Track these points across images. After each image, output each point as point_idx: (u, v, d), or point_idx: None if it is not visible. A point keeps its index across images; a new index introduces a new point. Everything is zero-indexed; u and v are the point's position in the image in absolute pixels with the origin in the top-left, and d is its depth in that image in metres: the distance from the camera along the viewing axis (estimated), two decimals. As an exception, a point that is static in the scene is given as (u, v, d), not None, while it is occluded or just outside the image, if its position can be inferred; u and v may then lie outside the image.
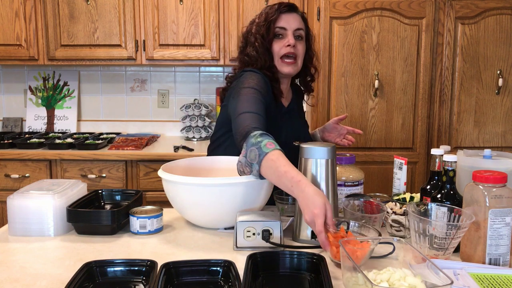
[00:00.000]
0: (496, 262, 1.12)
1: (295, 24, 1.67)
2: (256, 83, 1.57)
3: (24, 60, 2.89)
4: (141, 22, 2.85)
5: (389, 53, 2.55)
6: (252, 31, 1.70)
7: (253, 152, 1.30)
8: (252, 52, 1.67)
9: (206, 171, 1.62)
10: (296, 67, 1.69)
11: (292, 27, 1.67)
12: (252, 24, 1.73)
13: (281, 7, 1.68)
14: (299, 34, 1.68)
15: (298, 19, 1.70)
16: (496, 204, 1.10)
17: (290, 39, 1.65)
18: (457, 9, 2.52)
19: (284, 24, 1.66)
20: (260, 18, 1.70)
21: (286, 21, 1.67)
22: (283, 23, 1.66)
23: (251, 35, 1.70)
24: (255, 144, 1.30)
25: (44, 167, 2.68)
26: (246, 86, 1.55)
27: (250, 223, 1.26)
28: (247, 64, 1.69)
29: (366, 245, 1.09)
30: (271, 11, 1.68)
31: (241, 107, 1.47)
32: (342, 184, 1.53)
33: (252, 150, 1.30)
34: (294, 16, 1.69)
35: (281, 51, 1.65)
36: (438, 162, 1.34)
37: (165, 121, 3.26)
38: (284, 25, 1.66)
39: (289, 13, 1.69)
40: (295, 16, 1.70)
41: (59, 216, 1.37)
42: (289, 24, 1.67)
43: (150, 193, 2.62)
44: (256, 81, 1.58)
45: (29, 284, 1.07)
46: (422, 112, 2.58)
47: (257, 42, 1.66)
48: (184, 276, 1.07)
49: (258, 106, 1.48)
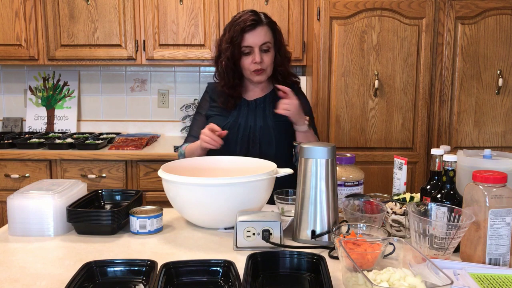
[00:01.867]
0: (496, 262, 1.12)
1: (260, 40, 1.78)
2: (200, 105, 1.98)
3: (24, 60, 2.89)
4: (141, 22, 2.85)
5: (389, 53, 2.55)
6: (222, 46, 1.83)
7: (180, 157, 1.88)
8: (220, 69, 1.86)
9: (206, 171, 1.62)
10: (265, 74, 1.84)
11: (257, 43, 1.78)
12: (224, 36, 1.83)
13: (246, 27, 1.76)
14: (265, 48, 1.80)
15: (263, 33, 1.79)
16: (496, 204, 1.10)
17: (256, 57, 1.78)
18: (457, 9, 2.52)
19: (249, 43, 1.78)
20: (228, 33, 1.80)
21: (251, 40, 1.78)
22: (248, 41, 1.78)
23: (221, 49, 1.84)
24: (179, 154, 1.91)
25: (44, 167, 2.68)
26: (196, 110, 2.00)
27: (250, 223, 1.26)
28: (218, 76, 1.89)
29: (376, 247, 1.09)
30: (236, 33, 1.77)
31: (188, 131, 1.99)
32: (342, 184, 1.53)
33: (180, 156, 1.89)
34: (258, 32, 1.78)
35: (250, 67, 1.81)
36: (438, 162, 1.34)
37: (165, 121, 3.26)
38: (250, 44, 1.78)
39: (253, 30, 1.77)
40: (259, 30, 1.78)
41: (59, 216, 1.37)
42: (254, 42, 1.78)
43: (150, 193, 2.62)
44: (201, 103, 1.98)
45: (29, 284, 1.07)
46: (422, 112, 2.58)
47: (224, 62, 1.81)
48: (184, 276, 1.07)
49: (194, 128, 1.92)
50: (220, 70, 1.86)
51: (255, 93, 1.92)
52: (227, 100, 1.87)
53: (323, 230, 1.30)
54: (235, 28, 1.78)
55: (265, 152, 1.81)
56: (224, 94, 1.88)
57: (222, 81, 1.87)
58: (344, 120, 2.58)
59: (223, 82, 1.86)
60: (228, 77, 1.84)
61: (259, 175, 1.38)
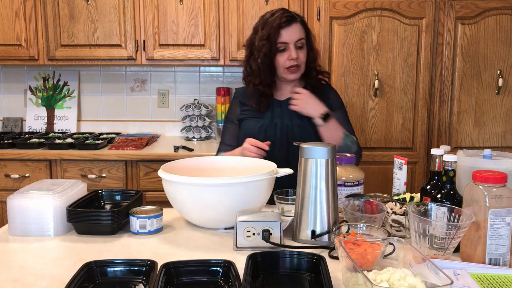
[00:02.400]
0: (496, 262, 1.12)
1: (296, 36, 1.78)
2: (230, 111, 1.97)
3: (24, 60, 2.89)
4: (141, 22, 2.85)
5: (389, 53, 2.55)
6: (255, 44, 1.81)
7: None
8: (255, 67, 1.82)
9: (206, 171, 1.62)
10: (299, 72, 1.83)
11: (293, 39, 1.77)
12: (256, 34, 1.81)
13: (282, 23, 1.75)
14: (300, 44, 1.79)
15: (298, 29, 1.78)
16: (496, 204, 1.10)
17: (292, 53, 1.77)
18: (457, 9, 2.52)
19: (285, 39, 1.77)
20: (263, 31, 1.78)
21: (287, 36, 1.76)
22: (284, 38, 1.77)
23: (254, 48, 1.81)
24: None
25: (44, 167, 2.68)
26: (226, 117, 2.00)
27: (250, 223, 1.26)
28: (249, 75, 1.85)
29: (376, 247, 1.09)
30: (272, 29, 1.76)
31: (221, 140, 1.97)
32: (342, 184, 1.53)
33: None
34: (294, 28, 1.77)
35: (285, 63, 1.79)
36: (438, 162, 1.34)
37: (165, 121, 3.26)
38: (286, 40, 1.77)
39: (289, 26, 1.77)
40: (295, 27, 1.78)
41: (59, 216, 1.37)
42: (290, 37, 1.77)
43: (150, 193, 2.62)
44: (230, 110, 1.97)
45: (29, 284, 1.07)
46: (422, 112, 2.58)
47: (259, 59, 1.79)
48: (184, 276, 1.07)
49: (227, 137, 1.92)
50: (255, 68, 1.81)
51: (287, 92, 1.88)
52: (260, 100, 1.85)
53: (323, 230, 1.30)
54: (270, 25, 1.76)
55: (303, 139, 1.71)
56: (257, 94, 1.85)
57: (257, 79, 1.83)
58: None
59: (258, 80, 1.82)
60: (264, 74, 1.81)
61: (259, 175, 1.38)
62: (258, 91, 1.84)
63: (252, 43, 1.83)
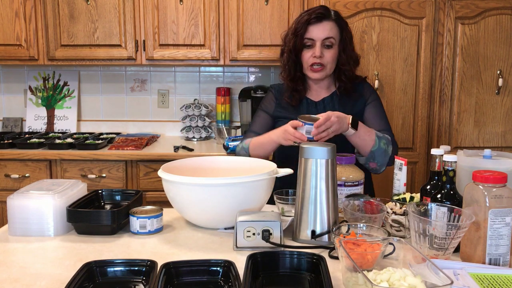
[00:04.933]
0: (496, 262, 1.12)
1: (324, 34, 1.74)
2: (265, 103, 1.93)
3: (24, 60, 2.89)
4: (141, 22, 2.85)
5: (389, 53, 2.55)
6: (287, 38, 1.83)
7: (241, 153, 1.82)
8: (283, 61, 1.85)
9: (206, 171, 1.62)
10: (324, 72, 1.79)
11: (320, 37, 1.74)
12: (290, 28, 1.82)
13: (311, 19, 1.74)
14: (328, 43, 1.76)
15: (328, 28, 1.75)
16: (496, 204, 1.10)
17: (316, 51, 1.74)
18: (457, 9, 2.52)
19: (312, 36, 1.75)
20: (294, 25, 1.79)
21: (314, 33, 1.75)
22: (311, 34, 1.75)
23: (286, 41, 1.83)
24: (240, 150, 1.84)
25: (44, 167, 2.68)
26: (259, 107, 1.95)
27: (250, 223, 1.26)
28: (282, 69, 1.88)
29: (376, 247, 1.09)
30: (300, 24, 1.76)
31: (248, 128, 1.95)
32: (342, 184, 1.53)
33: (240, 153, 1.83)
34: (323, 26, 1.75)
35: (309, 60, 1.77)
36: (438, 162, 1.34)
37: (165, 121, 3.26)
38: (312, 37, 1.75)
39: (318, 23, 1.74)
40: (325, 25, 1.75)
41: (59, 216, 1.37)
42: (317, 35, 1.74)
43: (150, 193, 2.62)
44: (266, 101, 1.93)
45: (29, 284, 1.07)
46: (422, 112, 2.58)
47: (286, 53, 1.81)
48: (184, 276, 1.07)
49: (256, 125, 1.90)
50: (283, 62, 1.83)
51: (321, 92, 1.87)
52: (292, 95, 1.84)
53: (323, 230, 1.30)
54: (301, 19, 1.76)
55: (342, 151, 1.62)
56: (289, 89, 1.84)
57: (285, 73, 1.84)
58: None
59: (285, 74, 1.84)
60: (289, 69, 1.81)
61: (259, 175, 1.38)
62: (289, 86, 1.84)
63: (285, 37, 1.84)
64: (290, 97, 1.84)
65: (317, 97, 1.86)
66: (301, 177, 1.32)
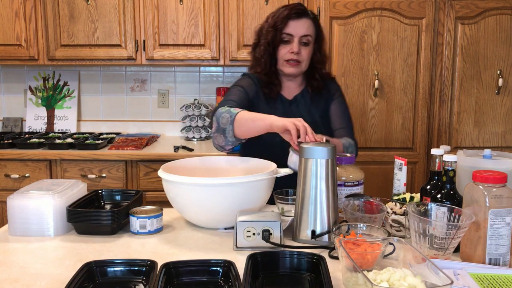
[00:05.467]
0: (496, 262, 1.12)
1: (302, 31, 1.74)
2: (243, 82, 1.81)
3: (24, 60, 2.89)
4: (141, 22, 2.85)
5: (389, 53, 2.55)
6: (262, 32, 1.79)
7: (224, 117, 1.57)
8: (258, 54, 1.80)
9: (206, 171, 1.62)
10: (299, 68, 1.77)
11: (299, 33, 1.74)
12: (266, 22, 1.80)
13: (291, 14, 1.73)
14: (306, 40, 1.75)
15: (306, 25, 1.75)
16: (496, 204, 1.10)
17: (294, 47, 1.73)
18: (457, 9, 2.52)
19: (291, 31, 1.73)
20: (271, 19, 1.77)
21: (293, 28, 1.73)
22: (290, 29, 1.73)
23: (261, 35, 1.80)
24: (224, 112, 1.58)
25: (44, 167, 2.68)
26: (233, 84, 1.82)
27: (250, 223, 1.26)
28: (253, 63, 1.83)
29: (376, 247, 1.09)
30: (280, 19, 1.73)
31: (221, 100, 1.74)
32: (342, 184, 1.53)
33: (224, 117, 1.57)
34: (303, 22, 1.74)
35: (286, 56, 1.75)
36: (438, 162, 1.34)
37: (165, 121, 3.26)
38: (291, 32, 1.74)
39: (298, 19, 1.74)
40: (304, 21, 1.75)
41: (59, 216, 1.37)
42: (296, 30, 1.73)
43: (150, 193, 2.62)
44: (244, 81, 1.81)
45: (29, 284, 1.07)
46: (422, 112, 2.58)
47: (263, 46, 1.77)
48: (184, 276, 1.07)
49: (235, 96, 1.73)
50: (258, 56, 1.79)
51: (293, 90, 1.85)
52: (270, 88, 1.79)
53: (323, 230, 1.30)
54: (280, 14, 1.74)
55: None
56: (264, 83, 1.80)
57: (259, 67, 1.79)
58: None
59: (259, 68, 1.79)
60: (266, 62, 1.77)
61: (259, 175, 1.38)
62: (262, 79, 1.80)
63: (260, 30, 1.82)
64: (268, 89, 1.80)
65: (290, 95, 1.85)
66: (301, 177, 1.32)
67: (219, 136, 1.59)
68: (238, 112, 1.55)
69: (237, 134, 1.55)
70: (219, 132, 1.58)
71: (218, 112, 1.61)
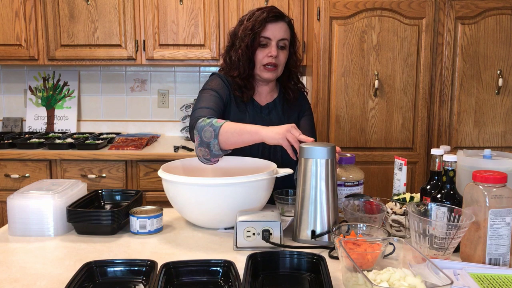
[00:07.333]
0: (496, 262, 1.12)
1: (280, 34, 1.72)
2: (214, 84, 1.75)
3: (24, 60, 2.89)
4: (141, 22, 2.85)
5: (389, 53, 2.55)
6: (238, 35, 1.74)
7: (207, 131, 1.50)
8: (234, 58, 1.74)
9: (206, 171, 1.62)
10: (276, 73, 1.75)
11: (277, 37, 1.71)
12: (240, 26, 1.75)
13: (269, 17, 1.70)
14: (282, 44, 1.73)
15: (283, 28, 1.73)
16: (496, 204, 1.10)
17: (273, 51, 1.70)
18: (457, 9, 2.52)
19: (269, 34, 1.71)
20: (248, 22, 1.72)
21: (271, 31, 1.71)
22: (269, 33, 1.71)
23: (236, 39, 1.75)
24: (206, 125, 1.51)
25: (44, 167, 2.68)
26: (205, 88, 1.76)
27: (250, 223, 1.26)
28: (228, 67, 1.77)
29: (376, 247, 1.09)
30: (258, 22, 1.70)
31: (196, 107, 1.67)
32: (342, 184, 1.53)
33: (206, 130, 1.50)
34: (280, 26, 1.72)
35: (264, 60, 1.72)
36: (438, 162, 1.34)
37: (165, 121, 3.26)
38: (269, 35, 1.71)
39: (276, 23, 1.72)
40: (281, 25, 1.73)
41: (59, 216, 1.37)
42: (274, 34, 1.71)
43: (150, 193, 2.62)
44: (215, 83, 1.75)
45: (29, 284, 1.07)
46: (422, 112, 2.58)
47: (240, 49, 1.72)
48: (184, 276, 1.07)
49: (210, 102, 1.67)
50: (234, 59, 1.73)
51: (264, 95, 1.82)
52: (242, 91, 1.75)
53: (323, 230, 1.30)
54: (257, 17, 1.71)
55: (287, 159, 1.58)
56: (238, 87, 1.75)
57: (235, 71, 1.74)
58: (344, 120, 2.58)
59: (236, 72, 1.73)
60: (243, 66, 1.72)
61: (259, 175, 1.38)
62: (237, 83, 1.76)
63: (235, 34, 1.77)
64: (240, 92, 1.75)
65: (262, 101, 1.81)
66: (301, 177, 1.32)
67: (203, 150, 1.51)
68: (222, 125, 1.48)
69: (223, 148, 1.50)
70: (203, 146, 1.50)
71: (199, 125, 1.53)
